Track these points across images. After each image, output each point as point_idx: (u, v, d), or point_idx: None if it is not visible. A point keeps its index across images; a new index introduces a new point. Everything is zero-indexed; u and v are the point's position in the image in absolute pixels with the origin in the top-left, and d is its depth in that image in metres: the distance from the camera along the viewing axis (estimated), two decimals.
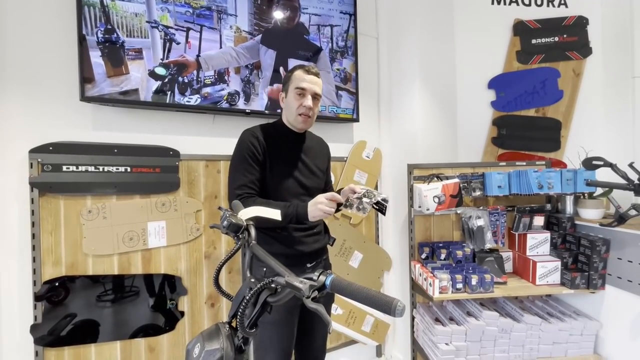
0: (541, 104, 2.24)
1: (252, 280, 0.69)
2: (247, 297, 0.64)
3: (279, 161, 1.21)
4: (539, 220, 1.83)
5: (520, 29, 2.22)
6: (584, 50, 2.21)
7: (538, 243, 1.80)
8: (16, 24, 1.33)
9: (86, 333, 1.45)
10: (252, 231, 0.78)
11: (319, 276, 0.61)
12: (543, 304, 1.86)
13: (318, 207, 1.06)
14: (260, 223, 0.91)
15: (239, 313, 0.63)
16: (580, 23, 2.22)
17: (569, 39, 2.22)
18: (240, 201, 1.05)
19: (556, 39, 2.23)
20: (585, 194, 1.82)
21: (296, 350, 1.31)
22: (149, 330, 1.56)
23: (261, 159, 1.17)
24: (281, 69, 1.79)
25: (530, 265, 1.75)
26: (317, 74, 1.22)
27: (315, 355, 1.34)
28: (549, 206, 1.95)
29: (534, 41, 2.23)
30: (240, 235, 0.77)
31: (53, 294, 1.39)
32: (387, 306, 0.52)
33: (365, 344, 2.11)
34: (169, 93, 1.51)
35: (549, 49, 2.23)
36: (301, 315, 1.21)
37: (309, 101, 1.19)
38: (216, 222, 0.86)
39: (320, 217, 1.09)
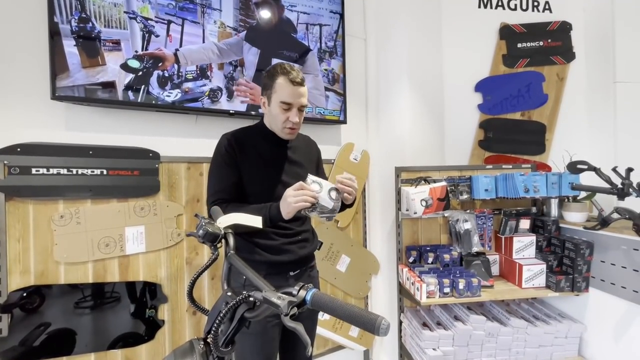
0: (526, 107, 2.26)
1: (229, 294, 0.65)
2: (223, 313, 0.60)
3: (262, 165, 1.16)
4: (525, 224, 1.84)
5: (506, 32, 2.24)
6: (568, 55, 2.25)
7: (524, 246, 1.81)
8: None
9: (61, 344, 1.36)
10: (231, 240, 0.74)
11: (299, 291, 0.57)
12: (529, 306, 1.86)
13: (287, 201, 1.00)
14: (240, 229, 0.86)
15: (213, 330, 0.59)
16: (564, 28, 2.25)
17: (553, 43, 2.25)
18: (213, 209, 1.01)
19: (541, 43, 2.25)
20: (570, 197, 1.84)
21: (281, 359, 1.27)
22: (129, 339, 1.49)
23: (238, 164, 1.13)
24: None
25: (516, 268, 1.75)
26: (302, 83, 1.13)
27: None
28: (534, 209, 1.97)
29: (519, 45, 2.25)
30: (217, 245, 0.72)
31: (27, 301, 1.31)
32: (370, 324, 0.49)
33: (352, 349, 2.08)
34: (142, 87, 1.44)
35: (534, 53, 2.25)
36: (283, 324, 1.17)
37: (295, 117, 1.13)
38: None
39: (294, 210, 1.00)
